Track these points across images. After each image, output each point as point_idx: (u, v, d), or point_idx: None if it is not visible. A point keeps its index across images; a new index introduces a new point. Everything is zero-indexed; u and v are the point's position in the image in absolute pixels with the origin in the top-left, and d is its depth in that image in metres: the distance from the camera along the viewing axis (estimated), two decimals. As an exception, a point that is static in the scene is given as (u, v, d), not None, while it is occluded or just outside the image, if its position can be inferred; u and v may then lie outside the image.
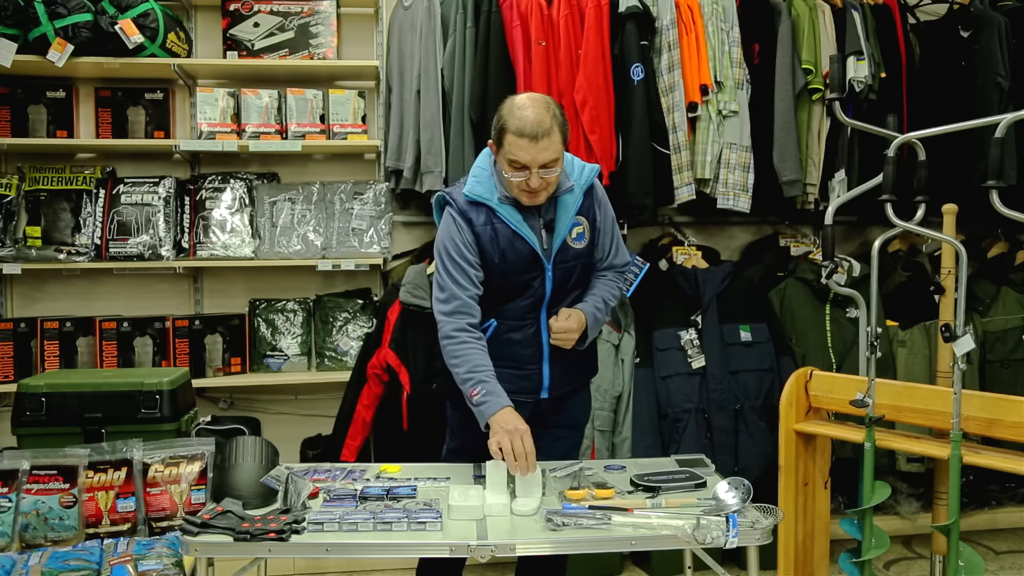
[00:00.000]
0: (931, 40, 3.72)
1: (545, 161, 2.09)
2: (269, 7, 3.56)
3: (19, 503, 2.15)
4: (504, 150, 2.11)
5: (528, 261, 2.21)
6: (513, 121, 2.09)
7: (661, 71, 3.40)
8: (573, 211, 2.24)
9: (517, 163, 2.09)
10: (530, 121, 2.07)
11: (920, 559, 3.47)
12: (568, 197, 2.23)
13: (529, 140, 2.06)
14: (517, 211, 2.20)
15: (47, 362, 3.39)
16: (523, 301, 2.25)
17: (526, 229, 2.20)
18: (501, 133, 2.12)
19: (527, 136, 2.06)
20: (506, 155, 2.11)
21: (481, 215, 2.20)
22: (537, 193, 2.14)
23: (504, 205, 2.20)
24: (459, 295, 2.18)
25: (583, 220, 2.27)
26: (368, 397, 3.18)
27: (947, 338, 2.19)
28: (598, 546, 1.95)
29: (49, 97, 3.52)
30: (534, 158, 2.07)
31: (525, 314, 2.26)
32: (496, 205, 2.20)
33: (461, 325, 2.18)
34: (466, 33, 3.32)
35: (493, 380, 2.13)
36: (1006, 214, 2.14)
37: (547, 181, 2.13)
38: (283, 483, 2.03)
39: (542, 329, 2.27)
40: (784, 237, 3.88)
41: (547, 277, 2.23)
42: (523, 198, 2.16)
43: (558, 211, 2.23)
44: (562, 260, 2.24)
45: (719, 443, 3.25)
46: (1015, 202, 2.24)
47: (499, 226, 2.20)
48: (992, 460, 2.26)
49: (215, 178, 3.57)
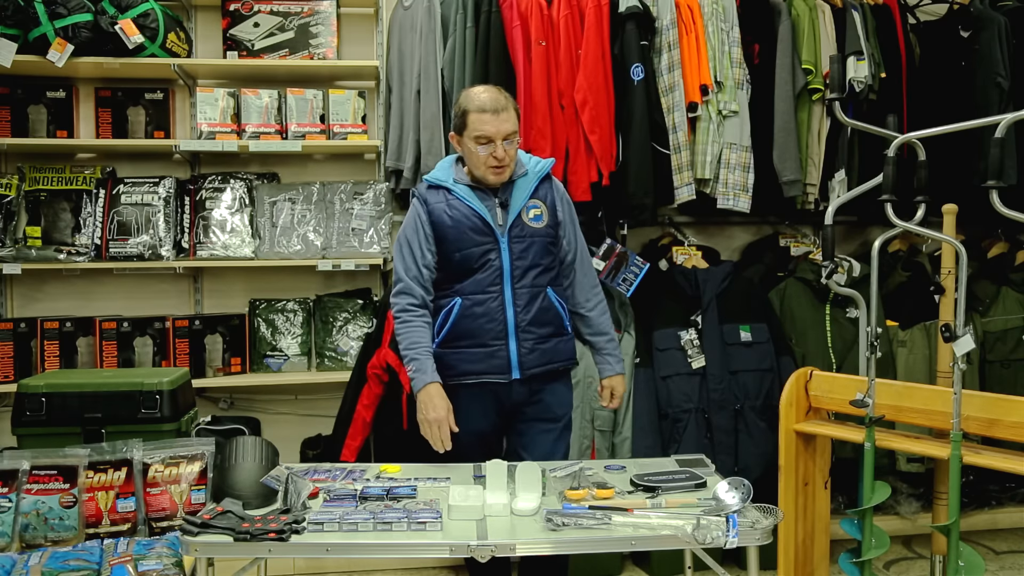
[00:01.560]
0: (931, 40, 3.71)
1: (507, 132, 2.36)
2: (269, 7, 3.56)
3: (19, 503, 2.15)
4: (469, 129, 2.37)
5: (481, 232, 2.40)
6: (474, 103, 2.38)
7: (661, 71, 3.40)
8: (527, 192, 2.46)
9: (483, 137, 2.35)
10: (488, 99, 2.37)
11: (920, 559, 3.47)
12: (522, 180, 2.47)
13: (491, 114, 2.35)
14: (472, 191, 2.44)
15: (47, 362, 3.39)
16: (483, 274, 2.41)
17: (478, 204, 2.42)
18: (464, 116, 2.39)
19: (488, 111, 2.35)
20: (472, 133, 2.37)
21: (439, 195, 2.45)
22: (503, 167, 2.38)
23: (459, 185, 2.44)
24: (403, 277, 2.44)
25: (540, 203, 2.47)
26: (368, 397, 3.18)
27: (947, 338, 2.19)
28: (598, 546, 1.95)
29: (49, 97, 3.52)
30: (498, 129, 2.35)
31: (487, 287, 2.41)
32: (451, 185, 2.45)
33: (403, 305, 2.43)
34: (466, 33, 3.32)
35: (424, 356, 2.38)
36: (1006, 214, 2.14)
37: (510, 154, 2.38)
38: (283, 483, 2.03)
39: (506, 303, 2.41)
40: (784, 237, 3.88)
41: (502, 248, 2.41)
42: (490, 175, 2.39)
43: (513, 192, 2.45)
44: (518, 235, 2.42)
45: (719, 443, 3.25)
46: (1015, 202, 2.24)
47: (454, 202, 2.44)
48: (992, 460, 2.26)
49: (215, 178, 3.57)
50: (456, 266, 2.43)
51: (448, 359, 2.44)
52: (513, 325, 2.42)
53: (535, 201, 2.46)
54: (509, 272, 2.41)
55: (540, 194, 2.48)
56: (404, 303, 2.43)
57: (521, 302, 2.42)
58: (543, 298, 2.45)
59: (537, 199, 2.47)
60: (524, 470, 2.05)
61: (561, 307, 2.51)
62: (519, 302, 2.42)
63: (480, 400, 2.45)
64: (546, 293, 2.46)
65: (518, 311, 2.42)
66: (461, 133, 2.41)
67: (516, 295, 2.42)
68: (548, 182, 2.52)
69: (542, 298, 2.45)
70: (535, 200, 2.46)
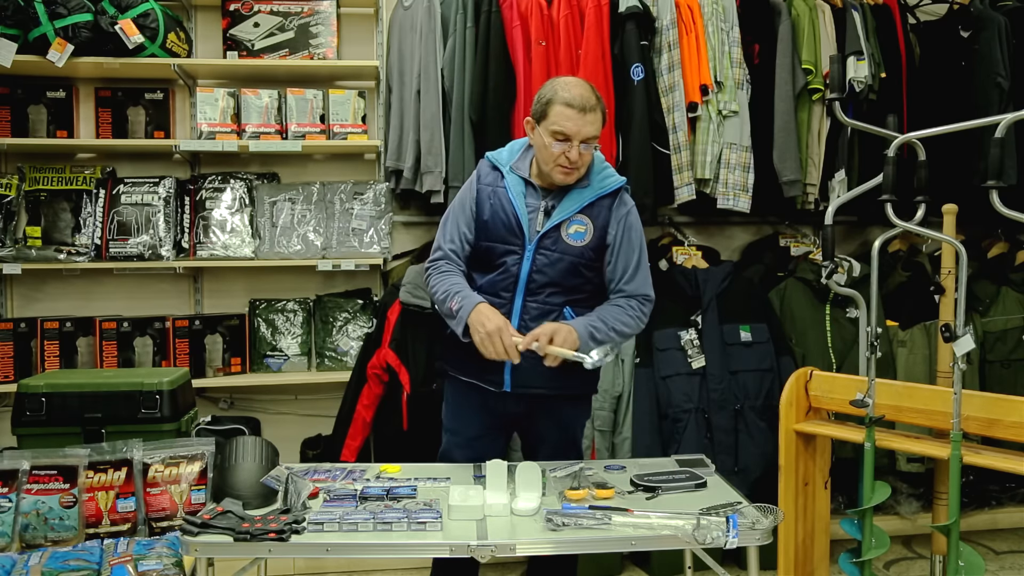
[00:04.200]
0: (931, 40, 3.71)
1: (588, 135, 2.17)
2: (269, 7, 3.56)
3: (19, 503, 2.15)
4: (549, 120, 2.18)
5: (511, 231, 2.26)
6: (562, 94, 2.18)
7: (661, 71, 3.40)
8: (578, 206, 2.26)
9: (561, 134, 2.17)
10: (578, 95, 2.17)
11: (920, 559, 3.46)
12: (577, 192, 2.27)
13: (577, 111, 2.15)
14: (524, 185, 2.29)
15: (47, 362, 3.39)
16: (498, 276, 2.28)
17: (520, 201, 2.27)
18: (547, 105, 2.19)
19: (576, 108, 2.15)
20: (551, 125, 2.17)
21: (493, 177, 2.32)
22: (574, 168, 2.20)
23: (513, 175, 2.30)
24: (441, 245, 2.34)
25: (586, 221, 2.26)
26: (368, 397, 3.18)
27: (947, 338, 2.19)
28: (598, 546, 1.95)
29: (49, 97, 3.52)
30: (579, 130, 2.16)
31: (499, 291, 2.27)
32: (506, 172, 2.30)
33: (437, 265, 2.33)
34: (466, 33, 3.32)
35: (466, 288, 2.25)
36: (1006, 214, 2.14)
37: (584, 158, 2.20)
38: (283, 483, 2.03)
39: (514, 314, 2.25)
40: (784, 237, 3.88)
41: (526, 256, 2.25)
42: (558, 174, 2.21)
43: (563, 201, 2.27)
44: (548, 247, 2.24)
45: (719, 443, 3.25)
46: (1015, 202, 2.24)
47: (500, 190, 2.30)
48: (992, 460, 2.26)
49: (215, 178, 3.57)
50: (481, 254, 2.30)
51: (451, 353, 2.38)
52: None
53: (582, 217, 2.25)
54: (524, 282, 2.25)
55: (593, 211, 2.26)
56: (439, 263, 2.31)
57: (529, 316, 2.25)
58: (556, 317, 2.26)
59: (586, 215, 2.26)
60: (524, 470, 2.05)
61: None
62: (527, 316, 2.25)
63: (472, 400, 2.37)
64: (562, 313, 2.26)
65: (522, 327, 2.23)
66: (539, 122, 2.21)
67: (526, 308, 2.25)
68: (611, 200, 2.29)
69: (555, 317, 2.25)
70: (582, 216, 2.25)
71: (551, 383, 2.29)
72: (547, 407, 2.36)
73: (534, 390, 2.30)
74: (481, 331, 2.14)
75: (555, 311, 2.26)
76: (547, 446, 2.42)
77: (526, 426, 2.46)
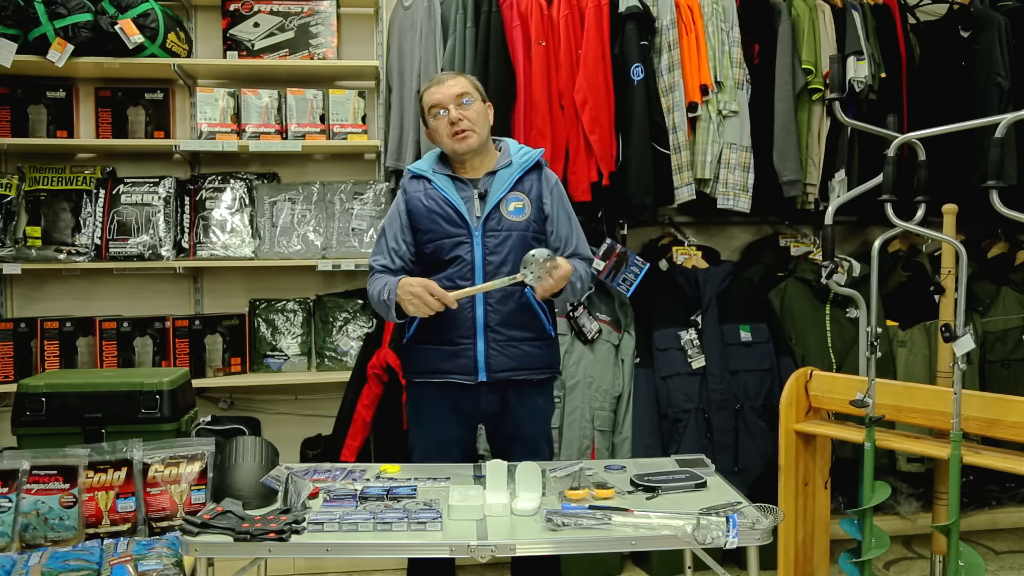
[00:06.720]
0: (931, 40, 3.71)
1: (456, 93, 2.34)
2: (269, 7, 3.56)
3: (19, 503, 2.15)
4: (426, 111, 2.39)
5: (454, 223, 2.34)
6: (426, 84, 2.44)
7: (661, 71, 3.40)
8: (508, 183, 2.38)
9: (434, 108, 2.35)
10: (436, 76, 2.44)
11: (920, 559, 3.47)
12: (504, 171, 2.39)
13: (437, 84, 2.37)
14: (451, 181, 2.39)
15: (47, 362, 3.39)
16: (454, 268, 2.34)
17: (454, 194, 2.36)
18: (422, 103, 2.41)
19: (435, 82, 2.38)
20: (428, 111, 2.38)
21: (419, 185, 2.42)
22: (463, 131, 2.32)
23: (438, 175, 2.40)
24: (372, 265, 2.45)
25: (522, 195, 2.39)
26: (368, 397, 3.18)
27: (947, 338, 2.19)
28: (598, 546, 1.95)
29: (49, 97, 3.52)
30: (446, 94, 2.34)
31: (458, 281, 2.32)
32: (431, 175, 2.40)
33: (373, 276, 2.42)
34: (466, 33, 3.32)
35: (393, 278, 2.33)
36: (1006, 214, 2.14)
37: (466, 115, 2.33)
38: (283, 483, 2.03)
39: (476, 299, 2.32)
40: (784, 237, 3.88)
41: (475, 242, 2.33)
42: (456, 143, 2.33)
43: (493, 183, 2.38)
44: (494, 228, 2.34)
45: (719, 443, 3.25)
46: (1015, 202, 2.24)
47: (431, 192, 2.39)
48: (992, 460, 2.26)
49: (215, 178, 3.57)
50: (429, 258, 2.37)
51: (415, 355, 2.41)
52: (482, 323, 2.32)
53: (517, 193, 2.37)
54: (481, 267, 2.32)
55: (524, 186, 2.38)
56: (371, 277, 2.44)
57: (492, 299, 2.32)
58: (519, 297, 2.34)
59: (519, 191, 2.37)
60: (524, 470, 2.05)
61: (541, 309, 2.39)
62: (490, 299, 2.32)
63: (443, 404, 2.38)
64: (524, 292, 2.33)
65: (488, 309, 2.32)
66: (427, 122, 2.41)
67: (487, 292, 2.30)
68: (536, 173, 2.42)
69: (518, 297, 2.33)
70: (517, 192, 2.37)
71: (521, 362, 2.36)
72: (520, 396, 2.39)
73: (506, 373, 2.35)
74: (409, 296, 2.24)
75: (516, 290, 2.33)
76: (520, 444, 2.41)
77: (498, 425, 2.44)
